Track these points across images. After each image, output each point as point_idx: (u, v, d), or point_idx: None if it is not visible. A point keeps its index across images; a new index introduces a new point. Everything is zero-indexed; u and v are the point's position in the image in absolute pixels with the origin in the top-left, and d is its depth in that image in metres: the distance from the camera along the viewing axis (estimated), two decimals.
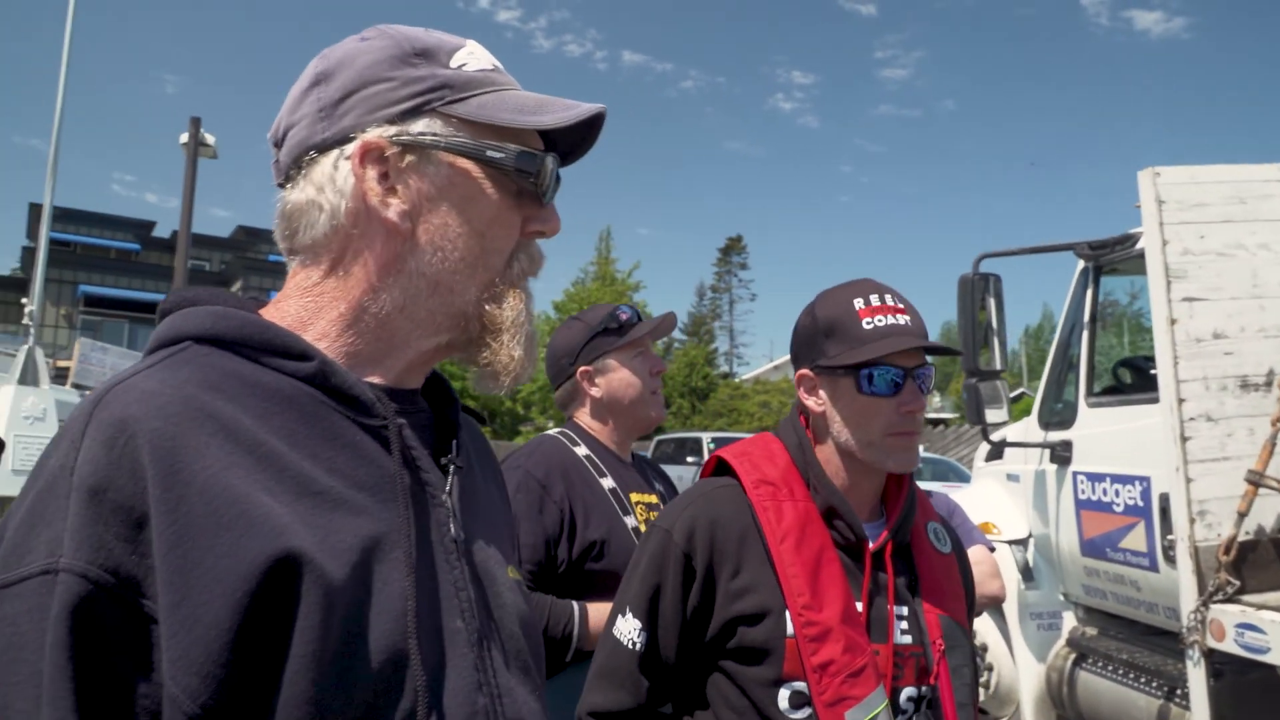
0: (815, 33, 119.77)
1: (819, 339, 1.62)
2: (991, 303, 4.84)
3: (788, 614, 1.49)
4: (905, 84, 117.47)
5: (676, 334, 45.91)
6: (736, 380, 55.70)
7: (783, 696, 1.48)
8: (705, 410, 47.65)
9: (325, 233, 0.91)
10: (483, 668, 0.88)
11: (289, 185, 0.93)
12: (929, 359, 1.59)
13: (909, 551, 1.65)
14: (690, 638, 1.57)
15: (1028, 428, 5.21)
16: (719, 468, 1.71)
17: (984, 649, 5.26)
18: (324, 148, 0.91)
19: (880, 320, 1.56)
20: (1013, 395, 4.89)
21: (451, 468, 0.95)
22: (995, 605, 3.19)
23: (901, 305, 1.60)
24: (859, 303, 1.59)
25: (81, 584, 0.71)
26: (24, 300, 16.74)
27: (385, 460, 0.88)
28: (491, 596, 0.94)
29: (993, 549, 3.29)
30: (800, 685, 1.47)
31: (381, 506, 0.85)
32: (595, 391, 2.51)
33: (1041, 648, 4.94)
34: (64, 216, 32.72)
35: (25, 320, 12.00)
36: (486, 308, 0.94)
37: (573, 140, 1.01)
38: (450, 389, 1.05)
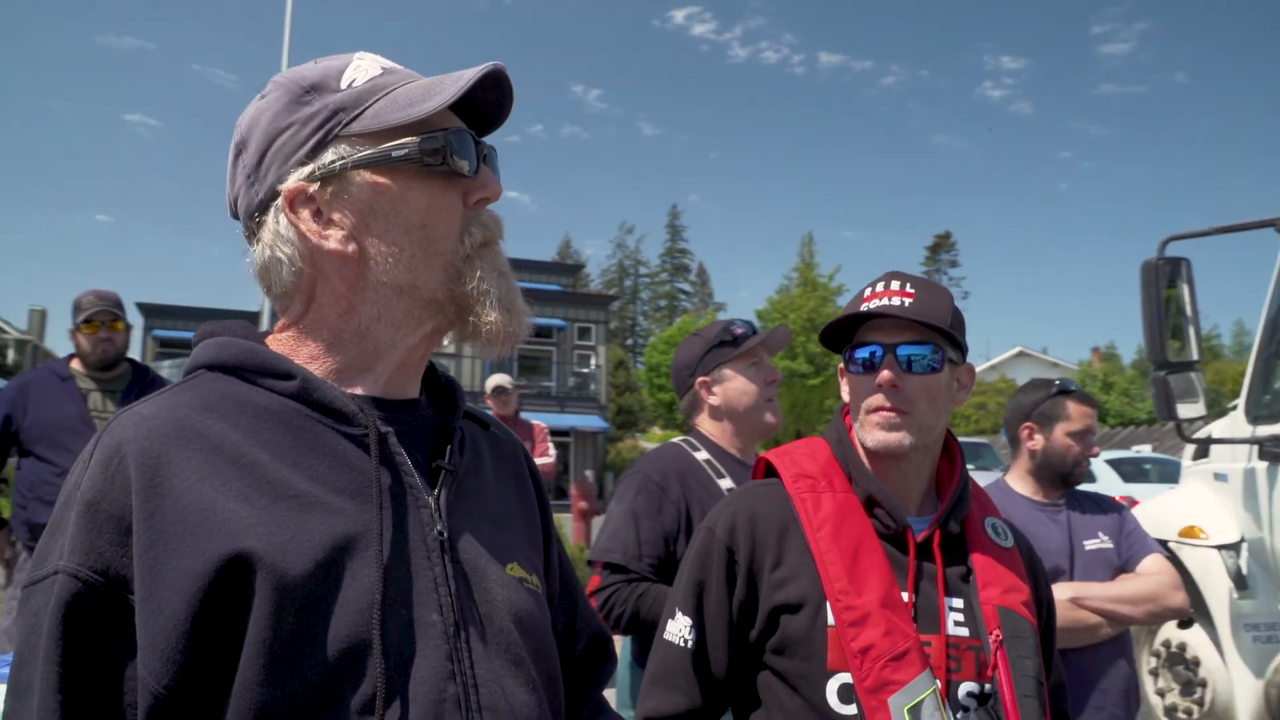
0: (1024, 14, 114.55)
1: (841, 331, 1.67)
2: (1184, 288, 4.49)
3: (827, 603, 1.49)
4: (1128, 59, 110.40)
5: None
6: None
7: (831, 690, 1.47)
8: None
9: (291, 280, 1.00)
10: (458, 658, 0.92)
11: (252, 248, 1.03)
12: (946, 344, 1.59)
13: (964, 545, 1.61)
14: (738, 634, 1.58)
15: (1234, 422, 4.79)
16: (768, 471, 1.74)
17: (1196, 663, 4.87)
18: (263, 208, 1.00)
19: (875, 303, 1.58)
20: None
21: (443, 471, 1.01)
22: (1174, 619, 2.90)
23: (912, 291, 1.58)
24: (868, 290, 1.62)
25: (73, 583, 0.84)
26: None
27: (368, 465, 0.95)
28: (479, 592, 0.99)
29: (1168, 555, 3.01)
30: (847, 678, 1.46)
31: (359, 508, 0.92)
32: (713, 400, 2.67)
33: (1259, 661, 4.51)
34: None
35: None
36: (453, 288, 1.00)
37: (489, 104, 1.06)
38: (458, 398, 1.11)
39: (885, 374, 1.55)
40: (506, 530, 1.10)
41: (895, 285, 1.59)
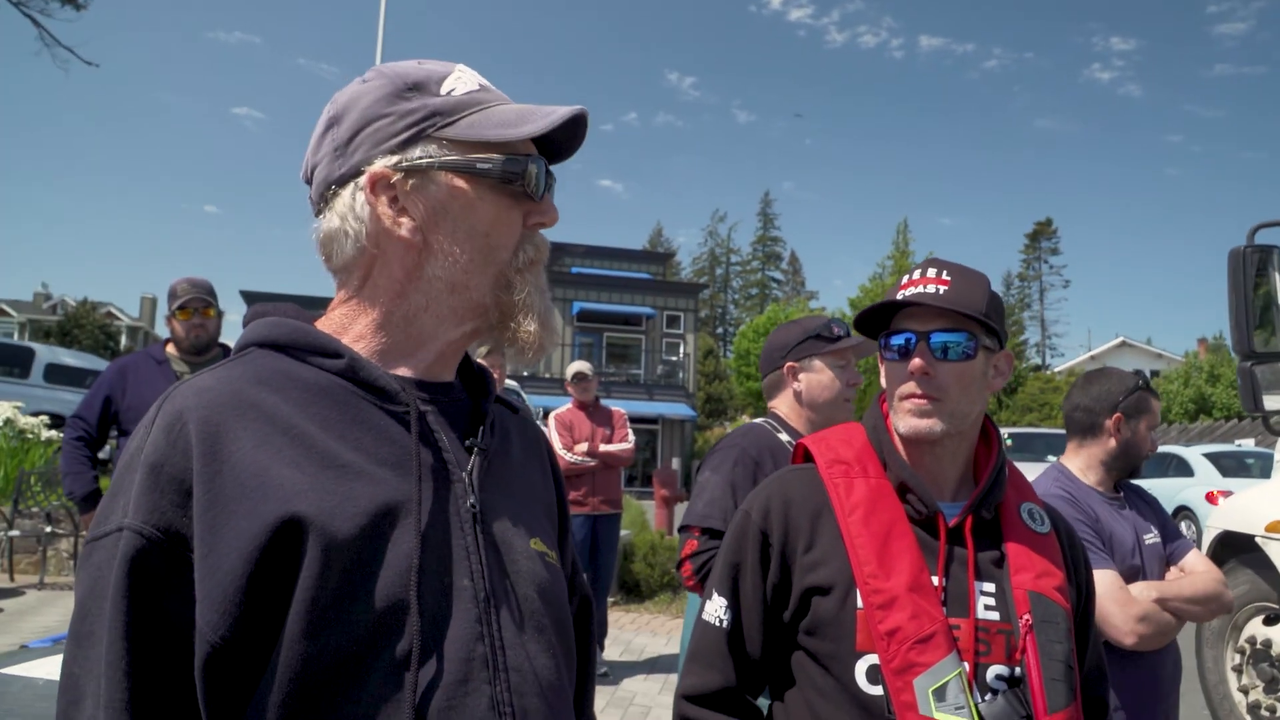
0: None
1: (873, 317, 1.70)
2: (1275, 276, 4.34)
3: (857, 587, 1.51)
4: (1245, 39, 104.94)
5: None
6: (1049, 373, 52.30)
7: (860, 671, 1.50)
8: (1013, 405, 45.11)
9: (353, 255, 1.07)
10: (486, 621, 0.99)
11: (320, 216, 1.09)
12: (980, 332, 1.59)
13: (998, 529, 1.61)
14: (772, 615, 1.62)
15: None
16: (806, 457, 1.76)
17: None
18: (342, 182, 1.06)
19: (910, 290, 1.60)
20: None
21: (475, 449, 1.09)
22: (1220, 615, 2.79)
23: (948, 277, 1.59)
24: (905, 278, 1.64)
25: (137, 539, 0.90)
26: None
27: (408, 440, 1.02)
28: (507, 563, 1.06)
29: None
30: (875, 659, 1.49)
31: (400, 479, 0.99)
32: (797, 385, 2.82)
33: None
34: None
35: None
36: (500, 296, 1.08)
37: (563, 139, 1.14)
38: (489, 384, 1.19)
39: (917, 361, 1.56)
40: (530, 507, 1.17)
41: (932, 273, 1.61)
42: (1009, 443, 18.82)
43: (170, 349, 4.48)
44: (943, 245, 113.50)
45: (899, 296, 1.60)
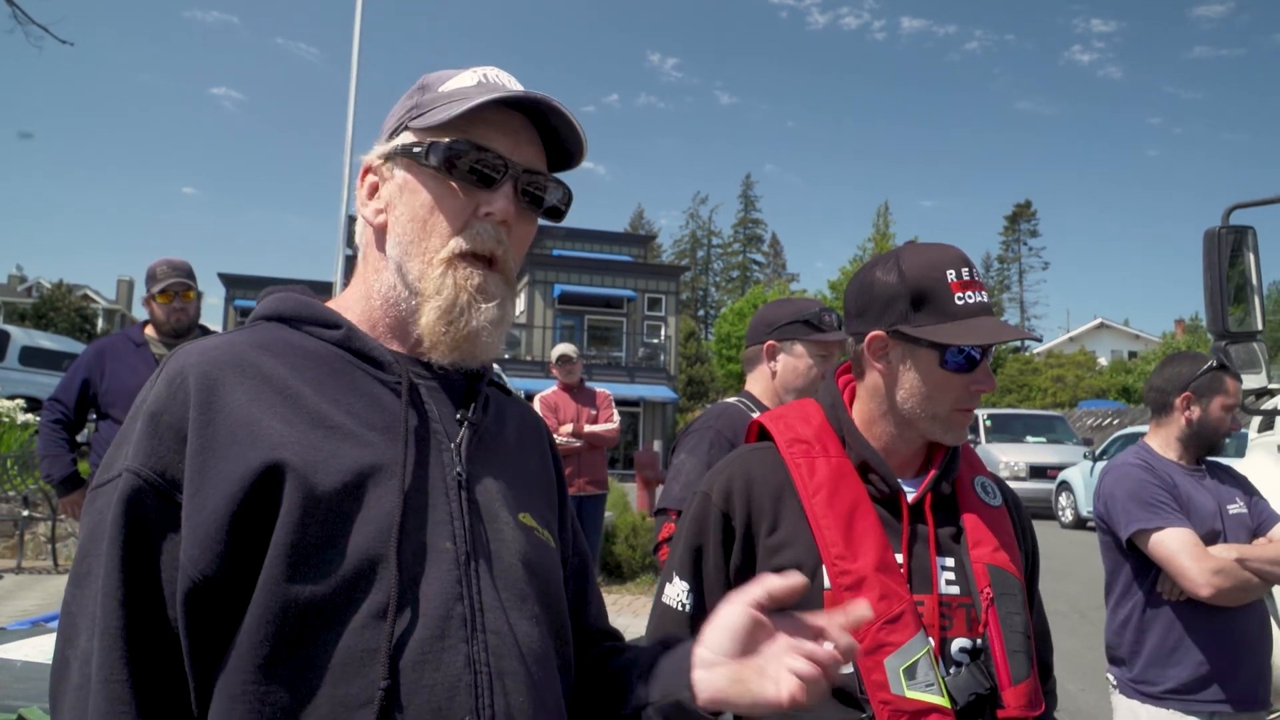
0: None
1: (901, 304, 1.58)
2: (1249, 257, 4.38)
3: (823, 567, 1.52)
4: (1224, 21, 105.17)
5: None
6: (1028, 354, 52.60)
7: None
8: None
9: (360, 234, 1.20)
10: (466, 583, 1.02)
11: None
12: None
13: (954, 505, 1.63)
14: None
15: None
16: (760, 434, 1.75)
17: None
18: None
19: (970, 297, 1.56)
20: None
21: (466, 422, 1.13)
22: None
23: (981, 280, 1.59)
24: (951, 274, 1.56)
25: (135, 479, 0.96)
26: None
27: (399, 409, 1.07)
28: (490, 530, 1.09)
29: None
30: None
31: (387, 443, 1.04)
32: (774, 365, 2.80)
33: None
34: None
35: None
36: (420, 283, 1.11)
37: (570, 140, 1.17)
38: (483, 366, 1.21)
39: (989, 381, 1.58)
40: (522, 485, 1.20)
41: (974, 275, 1.58)
42: (988, 424, 19.04)
43: (149, 331, 4.46)
44: (923, 227, 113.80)
45: (961, 301, 1.55)
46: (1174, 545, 2.76)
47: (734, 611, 1.08)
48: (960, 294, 1.55)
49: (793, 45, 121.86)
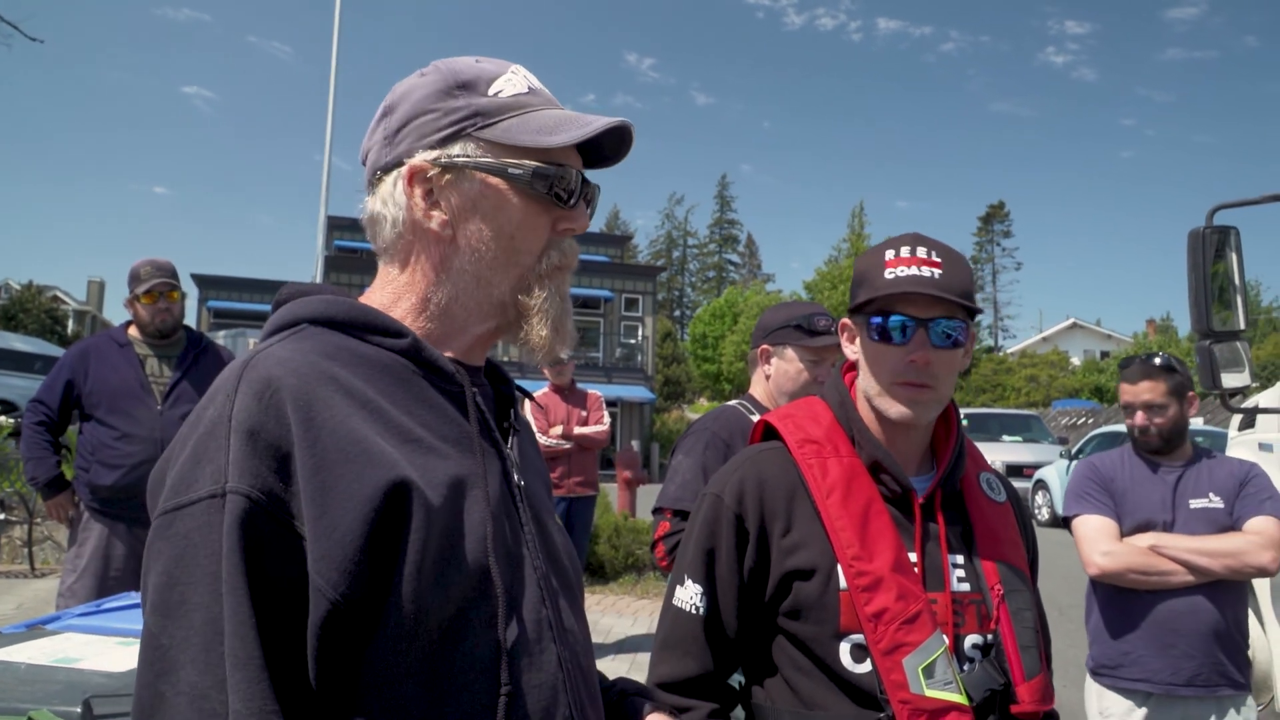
0: None
1: (853, 289, 1.65)
2: (1232, 256, 4.43)
3: (839, 567, 1.52)
4: (1197, 23, 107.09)
5: None
6: (1001, 354, 53.03)
7: (844, 651, 1.51)
8: (967, 386, 45.67)
9: (392, 239, 1.13)
10: (546, 586, 1.08)
11: (368, 197, 1.15)
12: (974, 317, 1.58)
13: (962, 502, 1.63)
14: (749, 599, 1.61)
15: None
16: (766, 433, 1.75)
17: None
18: (387, 169, 1.12)
19: (903, 270, 1.54)
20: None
21: (511, 430, 1.17)
22: (1259, 576, 3.04)
23: (937, 259, 1.55)
24: (890, 253, 1.58)
25: (246, 502, 0.90)
26: None
27: (461, 419, 1.08)
28: (547, 535, 1.15)
29: None
30: (859, 638, 1.50)
31: (462, 455, 1.04)
32: (766, 369, 2.84)
33: None
34: (351, 226, 35.75)
35: None
36: (520, 297, 1.12)
37: (609, 145, 1.18)
38: (503, 370, 1.24)
39: (922, 354, 1.53)
40: (544, 485, 1.27)
41: (922, 252, 1.56)
42: (965, 423, 18.97)
43: (133, 332, 4.41)
44: (898, 228, 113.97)
45: (890, 275, 1.54)
46: (1081, 530, 3.15)
47: None
48: (892, 269, 1.55)
49: (769, 46, 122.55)
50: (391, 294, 1.14)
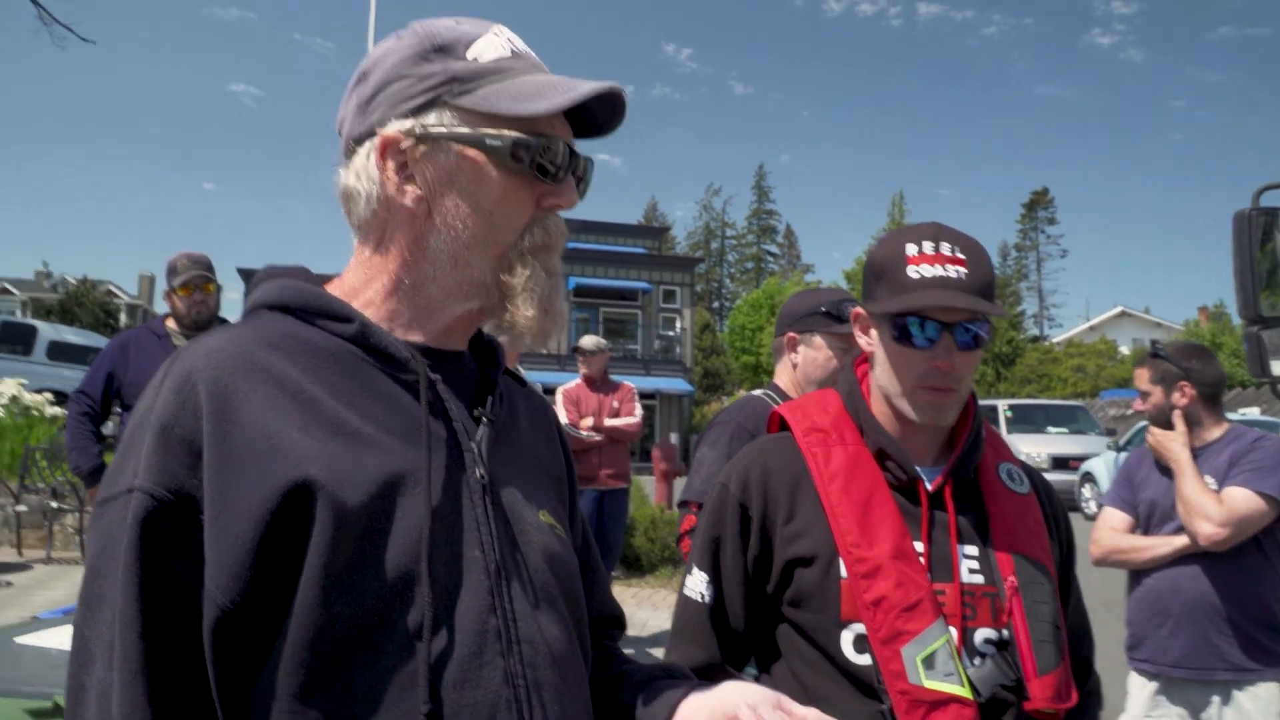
0: None
1: (870, 280, 1.59)
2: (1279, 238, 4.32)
3: (840, 557, 1.50)
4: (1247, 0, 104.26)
5: None
6: (1047, 344, 52.29)
7: (846, 641, 1.49)
8: (1011, 377, 45.11)
9: (366, 216, 1.05)
10: (498, 593, 0.97)
11: (343, 170, 1.07)
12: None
13: (978, 492, 1.59)
14: (755, 588, 1.60)
15: None
16: (781, 425, 1.73)
17: None
18: (360, 140, 1.04)
19: (928, 270, 1.49)
20: None
21: (483, 420, 1.07)
22: (1197, 549, 2.93)
23: (962, 256, 1.51)
24: (911, 248, 1.52)
25: (149, 500, 0.89)
26: None
27: (417, 409, 1.00)
28: (517, 534, 1.04)
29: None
30: (861, 628, 1.47)
31: (408, 448, 0.97)
32: (794, 357, 2.78)
33: None
34: None
35: None
36: (501, 276, 1.05)
37: (601, 114, 1.09)
38: (499, 355, 1.17)
39: (947, 360, 1.49)
40: (538, 479, 1.16)
41: (945, 248, 1.51)
42: (1009, 414, 18.87)
43: (170, 324, 4.48)
44: (939, 216, 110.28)
45: (914, 274, 1.49)
46: (1097, 520, 3.35)
47: (731, 699, 1.06)
48: (915, 267, 1.50)
49: (808, 33, 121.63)
50: (364, 275, 1.07)
